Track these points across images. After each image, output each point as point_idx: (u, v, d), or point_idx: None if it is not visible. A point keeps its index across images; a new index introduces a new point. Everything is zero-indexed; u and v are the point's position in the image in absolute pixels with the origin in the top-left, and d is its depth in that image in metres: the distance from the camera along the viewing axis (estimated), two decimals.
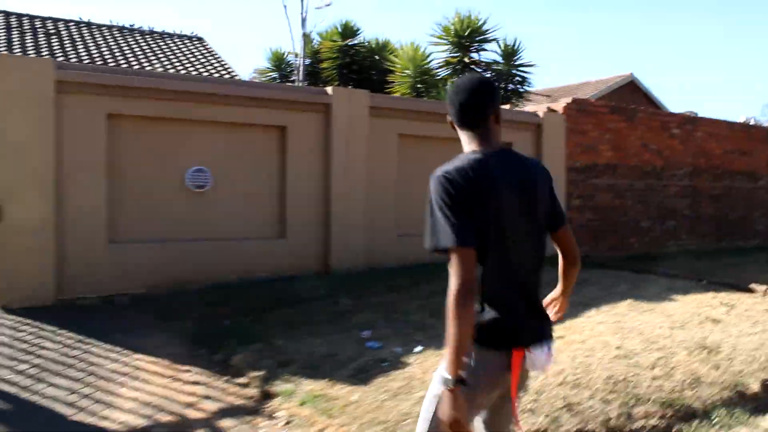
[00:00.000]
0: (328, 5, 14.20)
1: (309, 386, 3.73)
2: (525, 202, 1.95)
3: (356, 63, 14.58)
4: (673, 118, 10.11)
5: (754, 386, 4.06)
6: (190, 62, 14.16)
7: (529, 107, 12.40)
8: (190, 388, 3.88)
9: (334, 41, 14.75)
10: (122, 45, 13.86)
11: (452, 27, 11.57)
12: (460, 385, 1.76)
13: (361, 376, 3.89)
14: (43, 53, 12.14)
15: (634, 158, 9.46)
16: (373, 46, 14.64)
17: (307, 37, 13.62)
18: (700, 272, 7.60)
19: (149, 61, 13.54)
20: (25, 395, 3.66)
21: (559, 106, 8.75)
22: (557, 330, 4.82)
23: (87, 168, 5.67)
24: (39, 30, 13.26)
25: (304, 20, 13.39)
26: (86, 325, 4.93)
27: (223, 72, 14.15)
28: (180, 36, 15.61)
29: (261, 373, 3.96)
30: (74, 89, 5.58)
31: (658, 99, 22.53)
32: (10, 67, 5.33)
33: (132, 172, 5.98)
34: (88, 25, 14.40)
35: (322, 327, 4.83)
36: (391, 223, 7.35)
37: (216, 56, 15.12)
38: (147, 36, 14.90)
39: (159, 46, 14.48)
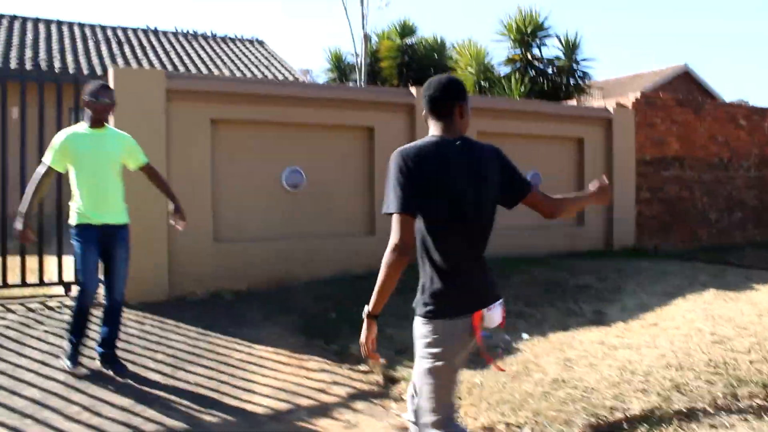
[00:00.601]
0: (387, 5, 14.55)
1: None
2: (475, 181, 2.29)
3: (415, 61, 14.91)
4: (740, 110, 10.16)
5: None
6: (253, 65, 14.67)
7: (587, 101, 12.55)
8: (317, 376, 4.26)
9: (392, 40, 15.10)
10: (188, 50, 14.45)
11: (514, 24, 11.79)
12: (372, 319, 2.32)
13: (479, 361, 4.21)
14: (117, 61, 12.78)
15: (701, 150, 9.55)
16: (431, 44, 14.93)
17: (367, 38, 13.97)
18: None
19: (215, 65, 14.09)
20: (169, 382, 4.07)
21: (628, 100, 8.91)
22: (651, 318, 5.10)
23: (193, 170, 6.10)
24: (111, 39, 13.94)
25: (364, 21, 13.74)
26: (202, 319, 5.35)
27: (286, 73, 14.63)
28: (241, 40, 16.17)
29: (382, 361, 4.31)
30: (181, 97, 6.02)
31: (713, 89, 22.29)
32: (127, 78, 5.81)
33: (232, 174, 6.41)
34: (155, 32, 15.05)
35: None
36: None
37: (277, 58, 15.62)
38: (210, 41, 15.49)
39: (222, 50, 15.04)
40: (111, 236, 4.03)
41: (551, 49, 12.21)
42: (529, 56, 11.88)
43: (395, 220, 2.20)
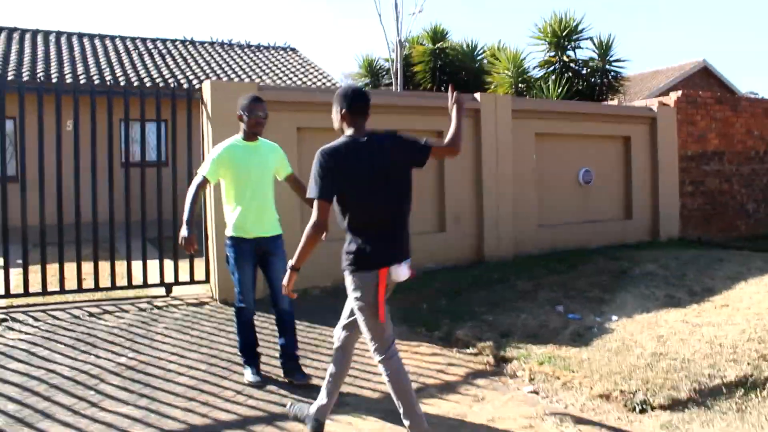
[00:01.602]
0: (420, 11, 15.06)
1: (538, 350, 4.61)
2: (379, 166, 3.04)
3: (447, 65, 15.42)
4: None
5: None
6: (291, 72, 15.22)
7: (620, 100, 13.06)
8: (432, 359, 4.76)
9: (423, 45, 15.63)
10: (226, 59, 15.02)
11: (550, 27, 12.28)
12: (295, 270, 3.09)
13: (579, 340, 4.77)
14: (163, 71, 13.32)
15: (739, 144, 10.06)
16: (463, 49, 15.44)
17: (402, 44, 14.49)
18: None
19: (254, 71, 14.65)
20: (309, 372, 4.56)
21: (671, 99, 9.43)
22: (720, 300, 5.60)
23: None
24: (152, 51, 14.52)
25: (399, 27, 14.27)
26: (304, 314, 5.83)
27: (323, 80, 15.17)
28: (275, 48, 16.75)
29: (489, 343, 4.83)
30: (270, 108, 6.54)
31: (731, 83, 22.72)
32: (223, 90, 6.35)
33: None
34: (192, 43, 15.63)
35: (518, 304, 5.72)
36: (533, 214, 8.20)
37: (312, 65, 16.18)
38: (246, 49, 16.06)
39: (259, 58, 15.61)
40: (267, 247, 4.11)
41: (585, 51, 12.69)
42: (566, 58, 12.37)
43: (316, 203, 2.98)
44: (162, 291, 6.54)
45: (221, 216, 6.16)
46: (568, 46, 12.43)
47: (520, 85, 12.71)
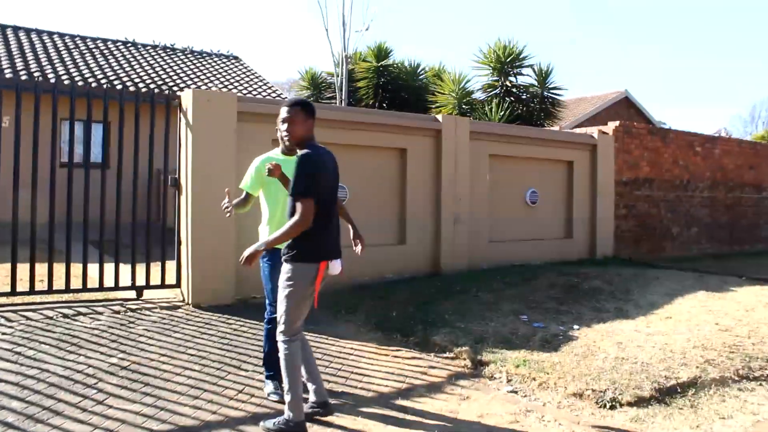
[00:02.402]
0: (367, 29, 15.52)
1: (513, 354, 5.07)
2: (335, 177, 3.67)
3: (390, 83, 15.94)
4: (697, 138, 11.81)
5: None
6: (234, 80, 15.29)
7: (555, 126, 13.98)
8: (413, 362, 5.13)
9: (367, 62, 16.08)
10: (170, 63, 14.91)
11: (494, 53, 13.05)
12: (264, 251, 3.54)
13: (548, 346, 5.27)
14: (96, 72, 13.09)
15: (666, 173, 11.09)
16: (407, 67, 16.03)
17: (348, 59, 14.88)
18: (734, 270, 9.23)
19: (199, 78, 14.62)
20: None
21: (610, 128, 10.30)
22: (664, 313, 6.26)
23: None
24: (94, 50, 14.22)
25: (346, 43, 14.66)
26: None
27: (267, 90, 15.33)
28: (218, 55, 16.74)
29: (465, 348, 5.25)
30: (247, 119, 6.79)
31: (649, 113, 24.51)
32: (208, 99, 6.52)
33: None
34: (134, 44, 15.41)
35: (485, 313, 6.18)
36: (485, 231, 8.75)
37: (256, 74, 16.29)
38: (189, 55, 15.98)
39: (202, 65, 15.58)
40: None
41: (525, 77, 13.53)
42: (508, 83, 13.18)
43: (303, 202, 3.36)
44: (133, 294, 6.59)
45: (197, 220, 6.40)
46: (511, 72, 13.25)
47: (463, 106, 13.39)
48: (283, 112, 3.60)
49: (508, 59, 13.07)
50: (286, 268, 3.53)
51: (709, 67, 71.77)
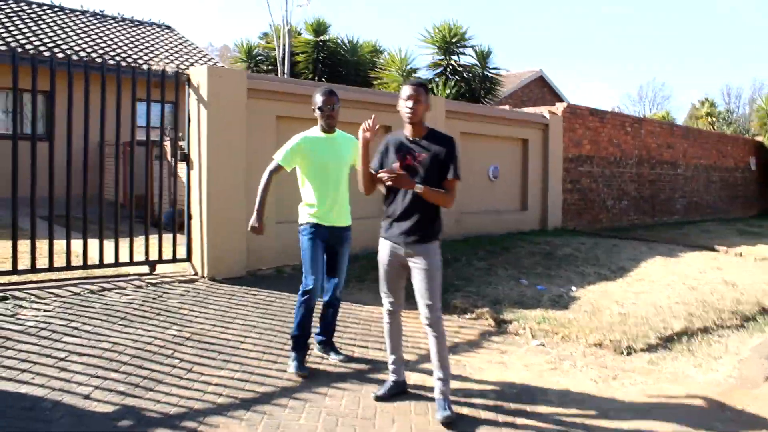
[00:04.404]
0: (309, 2, 15.64)
1: (530, 313, 5.77)
2: None
3: (329, 58, 16.19)
4: (628, 119, 13.10)
5: (767, 303, 6.72)
6: (171, 50, 14.95)
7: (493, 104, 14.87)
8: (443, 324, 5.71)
9: (299, 35, 16.22)
10: (99, 32, 14.33)
11: (440, 33, 13.66)
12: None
13: (558, 305, 6.02)
14: (30, 38, 12.44)
15: (604, 151, 12.25)
16: (347, 43, 16.33)
17: (289, 32, 14.97)
18: (668, 239, 10.54)
19: (133, 49, 14.19)
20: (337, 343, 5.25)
21: (559, 109, 11.24)
22: (636, 276, 7.18)
23: (264, 158, 7.08)
24: (21, 14, 13.41)
25: (288, 17, 14.75)
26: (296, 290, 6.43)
27: (204, 59, 15.13)
28: (149, 24, 16.21)
29: (485, 309, 5.88)
30: (255, 95, 7.00)
31: (561, 93, 26.14)
32: (221, 76, 6.67)
33: None
34: (62, 9, 14.64)
35: (487, 279, 6.86)
36: (458, 204, 9.34)
37: (192, 44, 15.97)
38: (119, 23, 15.39)
39: (137, 33, 15.08)
40: (338, 236, 4.36)
41: (468, 57, 14.26)
42: (453, 62, 13.86)
43: (455, 185, 3.77)
44: (145, 269, 6.69)
45: (212, 194, 6.58)
46: (455, 52, 13.93)
47: None
48: (410, 89, 3.69)
49: (453, 39, 13.73)
50: (431, 249, 3.68)
51: (603, 48, 76.50)
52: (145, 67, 6.29)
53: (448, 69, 13.80)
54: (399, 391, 4.00)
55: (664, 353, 5.06)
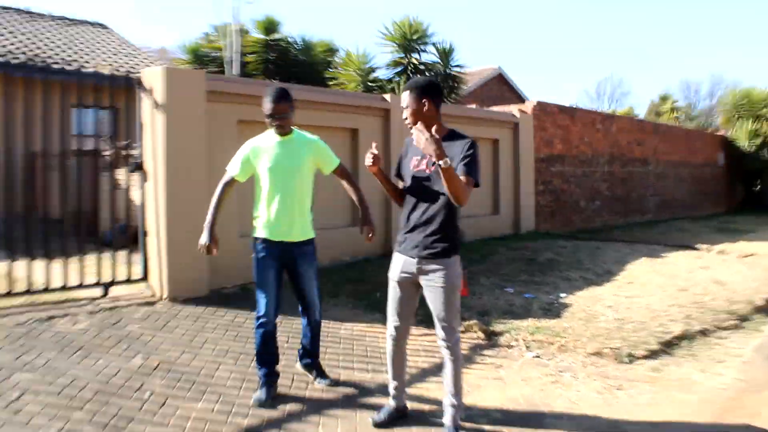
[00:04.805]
0: None
1: (521, 324, 5.72)
2: None
3: (281, 58, 15.97)
4: (598, 116, 13.33)
5: (759, 302, 6.85)
6: (109, 52, 14.48)
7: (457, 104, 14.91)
8: (429, 338, 5.54)
9: (248, 33, 15.96)
10: (33, 31, 13.77)
11: (400, 30, 13.58)
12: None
13: (550, 314, 5.99)
14: None
15: (575, 150, 12.41)
16: (300, 42, 16.15)
17: (239, 31, 14.71)
18: (647, 239, 10.72)
19: (71, 49, 13.69)
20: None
21: (528, 107, 11.32)
22: (624, 279, 7.22)
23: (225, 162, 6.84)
24: None
25: (237, 14, 14.50)
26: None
27: (146, 62, 14.70)
28: (83, 22, 15.68)
29: (473, 321, 5.80)
30: (215, 98, 6.77)
31: (521, 91, 26.52)
32: (177, 79, 6.40)
33: None
34: None
35: (473, 288, 6.78)
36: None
37: (132, 45, 15.52)
38: (51, 22, 14.83)
39: (71, 33, 14.55)
40: (292, 253, 4.07)
41: (429, 55, 14.26)
42: (414, 60, 13.81)
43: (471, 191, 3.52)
44: (98, 292, 6.38)
45: (171, 208, 6.32)
46: (416, 49, 13.90)
47: (369, 83, 13.85)
48: (401, 99, 3.62)
49: (414, 36, 13.70)
50: (449, 265, 3.47)
51: (559, 43, 78.14)
52: (89, 69, 6.04)
53: (409, 67, 13.74)
54: (399, 416, 3.86)
55: (667, 359, 5.07)
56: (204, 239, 4.06)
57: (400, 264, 3.64)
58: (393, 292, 3.71)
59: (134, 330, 5.38)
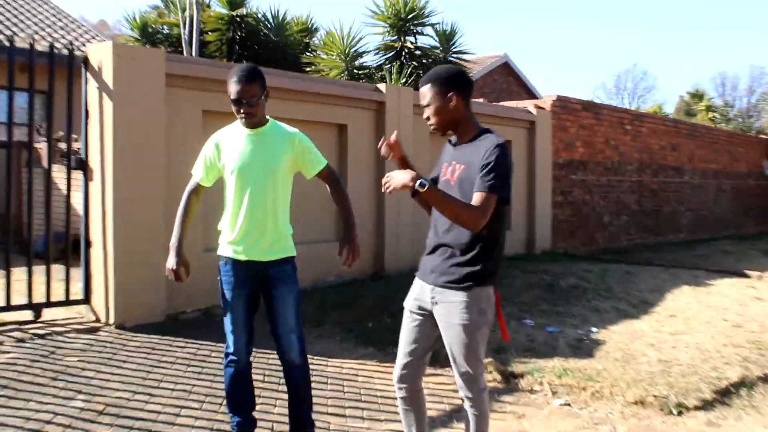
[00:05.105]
0: None
1: (546, 364, 5.60)
2: None
3: (248, 38, 15.87)
4: (627, 114, 13.34)
5: None
6: (47, 25, 14.33)
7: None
8: (436, 380, 5.41)
9: (208, 7, 15.86)
10: None
11: (393, 7, 13.53)
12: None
13: (580, 352, 5.89)
14: None
15: (599, 154, 12.41)
16: (270, 19, 16.05)
17: (198, 3, 14.58)
18: (685, 263, 10.74)
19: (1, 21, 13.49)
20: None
21: (547, 103, 11.28)
22: (664, 311, 7.15)
23: (189, 166, 6.68)
24: None
25: None
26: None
27: (89, 37, 14.54)
28: None
29: (488, 360, 5.68)
30: (176, 83, 6.66)
31: (529, 81, 26.66)
32: (131, 58, 6.22)
33: None
34: None
35: None
36: (427, 223, 9.26)
37: (71, 19, 15.33)
38: None
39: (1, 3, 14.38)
40: (265, 276, 3.76)
41: (428, 39, 14.25)
42: (409, 44, 13.76)
43: (494, 201, 3.20)
44: (28, 315, 6.20)
45: (120, 216, 6.16)
46: (411, 32, 13.86)
47: (355, 71, 13.78)
48: (420, 93, 3.44)
49: (410, 16, 13.66)
50: (473, 297, 3.22)
51: (574, 29, 78.89)
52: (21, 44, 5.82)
53: (404, 52, 13.70)
54: None
55: (724, 411, 4.98)
56: (170, 262, 3.83)
57: (415, 291, 3.49)
58: (404, 327, 3.54)
59: (74, 363, 5.21)
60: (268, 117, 3.84)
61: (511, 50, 75.24)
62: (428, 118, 3.42)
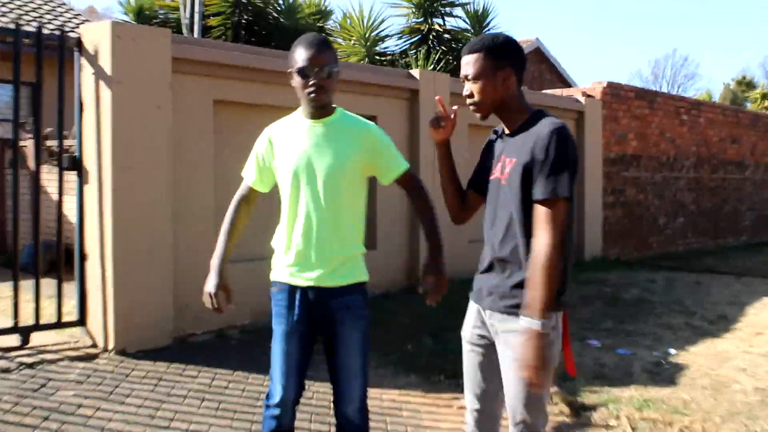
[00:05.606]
0: None
1: (621, 393, 5.21)
2: None
3: (256, 23, 15.59)
4: (683, 103, 12.94)
5: None
6: (34, 9, 14.16)
7: None
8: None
9: None
10: None
11: None
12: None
13: (658, 379, 5.52)
14: None
15: (653, 148, 12.03)
16: (281, 2, 15.78)
17: None
18: (758, 271, 10.34)
19: None
20: None
21: (596, 90, 10.87)
22: (748, 327, 6.77)
23: (199, 165, 6.35)
24: None
25: None
26: (255, 365, 5.68)
27: (72, 17, 14.36)
28: None
29: (553, 390, 5.30)
30: (183, 68, 6.36)
31: (564, 70, 26.38)
32: (132, 39, 5.94)
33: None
34: None
35: None
36: (466, 225, 8.89)
37: (63, 3, 15.18)
38: None
39: None
40: (329, 307, 3.21)
41: (457, 21, 13.94)
42: (437, 27, 13.44)
43: (565, 209, 2.78)
44: (14, 340, 5.91)
45: (122, 224, 5.87)
46: (441, 12, 13.54)
47: (376, 57, 13.46)
48: (462, 66, 2.98)
49: None
50: (540, 327, 2.61)
51: (608, 15, 78.56)
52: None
53: (431, 36, 13.37)
54: None
55: None
56: (209, 286, 3.27)
57: (472, 317, 3.05)
58: (466, 361, 3.09)
59: (68, 398, 4.90)
60: (335, 106, 3.28)
61: (543, 35, 75.24)
62: (470, 95, 2.94)
